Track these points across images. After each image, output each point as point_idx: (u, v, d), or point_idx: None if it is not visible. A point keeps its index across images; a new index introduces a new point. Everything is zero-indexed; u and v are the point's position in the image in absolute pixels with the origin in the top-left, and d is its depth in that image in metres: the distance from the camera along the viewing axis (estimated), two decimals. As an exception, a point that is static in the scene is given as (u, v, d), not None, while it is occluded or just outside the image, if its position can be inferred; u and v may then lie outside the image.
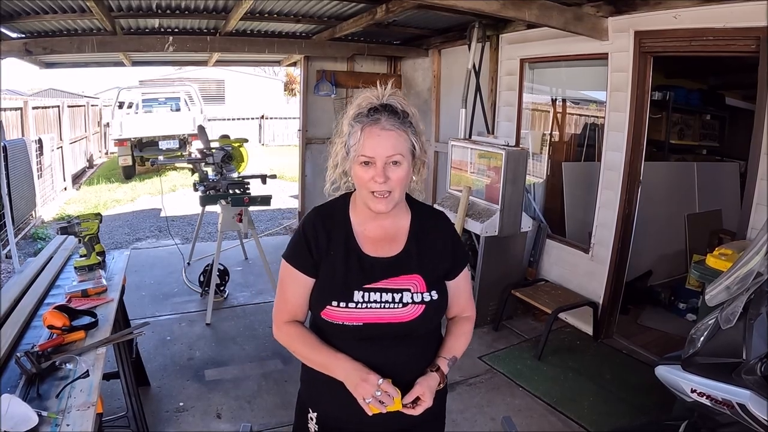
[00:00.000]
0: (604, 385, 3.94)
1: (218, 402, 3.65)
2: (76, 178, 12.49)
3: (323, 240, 1.71)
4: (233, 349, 4.39)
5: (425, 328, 1.76)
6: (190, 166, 7.92)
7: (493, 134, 5.32)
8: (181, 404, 3.62)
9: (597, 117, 6.05)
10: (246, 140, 5.66)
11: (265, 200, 5.00)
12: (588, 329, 4.72)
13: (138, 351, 3.63)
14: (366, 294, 1.68)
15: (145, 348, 4.22)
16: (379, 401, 1.57)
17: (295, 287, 1.75)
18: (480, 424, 3.24)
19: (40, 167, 8.92)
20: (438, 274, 1.77)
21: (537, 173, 6.05)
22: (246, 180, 5.16)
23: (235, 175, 5.28)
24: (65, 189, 11.01)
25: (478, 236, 4.65)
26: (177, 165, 13.91)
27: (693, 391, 2.06)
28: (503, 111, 5.64)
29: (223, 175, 5.15)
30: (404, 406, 1.62)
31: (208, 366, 4.11)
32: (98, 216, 3.39)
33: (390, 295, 1.68)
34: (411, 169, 1.65)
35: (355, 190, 1.72)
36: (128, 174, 13.04)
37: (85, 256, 3.23)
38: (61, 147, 11.08)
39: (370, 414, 1.58)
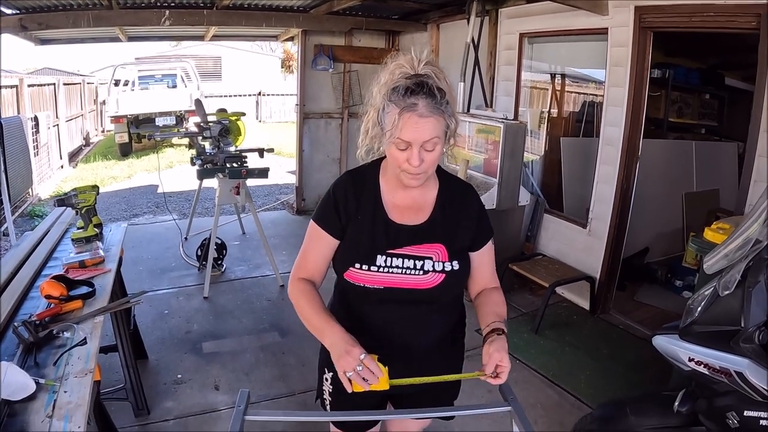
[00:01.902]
0: (601, 360, 3.97)
1: (216, 374, 3.66)
2: (73, 156, 12.42)
3: (352, 203, 1.74)
4: (231, 323, 4.40)
5: (446, 296, 1.78)
6: (187, 142, 7.87)
7: (491, 108, 5.29)
8: (179, 376, 3.63)
9: (596, 95, 6.02)
10: (243, 114, 5.63)
11: (263, 173, 4.98)
12: (585, 304, 4.73)
13: (135, 323, 3.63)
14: (389, 259, 1.70)
15: (143, 322, 4.22)
16: (363, 378, 1.51)
17: (318, 247, 1.78)
18: (477, 396, 3.24)
19: (37, 145, 8.88)
20: (461, 245, 1.78)
21: (535, 150, 6.03)
22: (243, 153, 5.14)
23: (232, 148, 5.26)
24: (62, 167, 10.96)
25: (476, 210, 4.59)
26: (174, 142, 13.90)
27: (691, 360, 2.06)
28: (502, 86, 5.60)
29: (220, 149, 5.13)
30: (491, 376, 1.56)
31: (205, 339, 4.12)
32: (95, 188, 3.36)
33: (412, 261, 1.70)
34: (444, 147, 1.64)
35: (385, 156, 1.71)
36: (125, 151, 12.97)
37: (82, 228, 3.21)
38: (57, 125, 11.02)
39: (350, 391, 1.54)
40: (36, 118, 8.98)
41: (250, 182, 5.08)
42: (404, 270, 1.70)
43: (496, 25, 5.56)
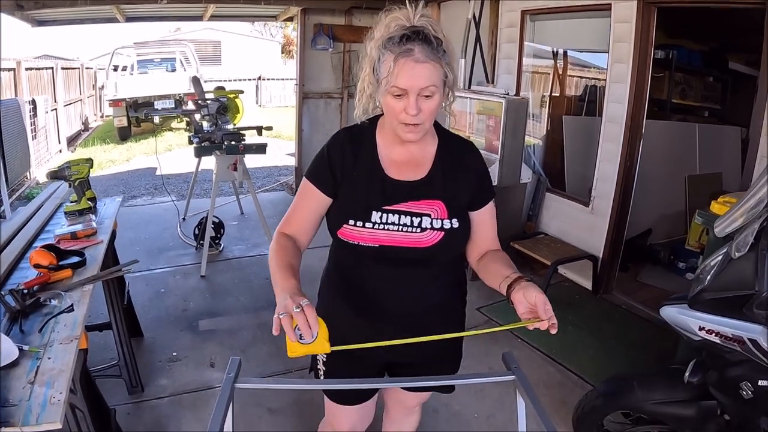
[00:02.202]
0: (604, 339, 3.91)
1: (212, 351, 3.61)
2: (72, 141, 12.33)
3: (349, 160, 1.67)
4: (228, 301, 4.35)
5: (444, 256, 1.70)
6: (186, 123, 7.79)
7: (492, 84, 5.21)
8: (175, 354, 3.58)
9: (599, 78, 5.95)
10: (241, 92, 5.56)
11: (260, 148, 4.92)
12: (587, 284, 4.67)
13: (130, 299, 3.58)
14: (384, 215, 1.62)
15: (139, 301, 4.17)
16: (295, 330, 1.35)
17: (308, 204, 1.71)
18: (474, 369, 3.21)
19: (34, 128, 8.80)
20: (461, 203, 1.70)
21: (537, 134, 5.95)
22: (241, 131, 5.07)
23: (230, 126, 5.18)
24: (60, 151, 10.88)
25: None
26: (173, 126, 13.83)
27: (701, 329, 1.98)
28: (503, 64, 5.51)
29: (218, 127, 5.05)
30: (552, 324, 1.40)
31: (202, 317, 4.07)
32: (89, 161, 3.29)
33: (409, 218, 1.63)
34: (442, 99, 1.57)
35: (383, 114, 1.64)
36: (124, 135, 12.86)
37: (75, 201, 3.14)
38: (56, 109, 10.92)
39: (275, 333, 1.36)
40: (34, 102, 8.89)
41: (250, 165, 5.00)
42: (401, 227, 1.62)
43: (497, 3, 5.46)
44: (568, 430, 2.65)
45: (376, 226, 1.61)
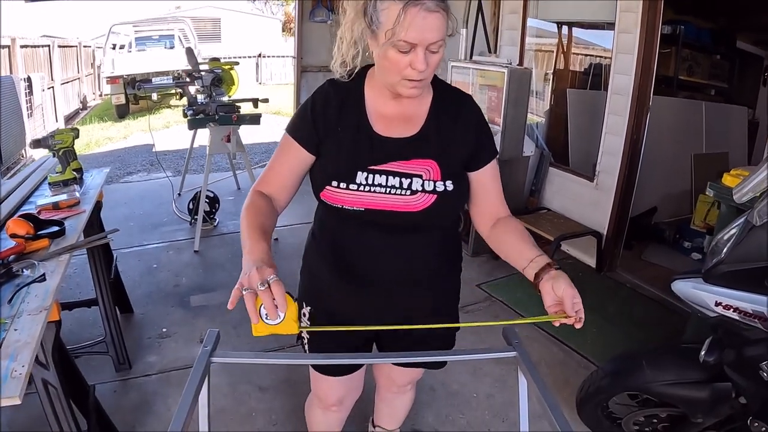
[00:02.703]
0: (608, 318, 3.78)
1: (202, 327, 3.51)
2: (69, 120, 12.17)
3: (333, 115, 1.52)
4: (221, 276, 4.26)
5: (439, 221, 1.58)
6: (181, 95, 7.66)
7: (495, 54, 5.06)
8: (164, 330, 3.49)
9: (604, 56, 5.79)
10: (237, 63, 5.43)
11: (255, 119, 4.80)
12: (591, 261, 4.55)
13: (118, 274, 3.48)
14: (370, 176, 1.47)
15: (131, 276, 4.10)
16: (261, 307, 1.22)
17: (288, 160, 1.57)
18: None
19: (30, 106, 8.64)
20: (456, 162, 1.55)
21: (539, 111, 5.83)
22: (237, 104, 4.93)
23: (225, 98, 5.04)
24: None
25: (478, 159, 4.43)
26: (172, 104, 13.70)
27: (718, 304, 1.84)
28: (506, 35, 5.35)
29: (212, 98, 4.92)
30: (578, 320, 1.33)
31: (194, 292, 3.97)
32: (74, 130, 3.18)
33: (398, 179, 1.48)
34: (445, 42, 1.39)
35: (371, 64, 1.50)
36: (122, 113, 12.72)
37: (60, 172, 3.02)
38: (53, 87, 10.75)
39: (230, 307, 1.25)
40: (29, 79, 8.71)
41: (247, 140, 4.87)
42: (388, 189, 1.47)
43: (501, -29, 5.30)
44: (571, 411, 2.54)
45: (361, 187, 1.47)
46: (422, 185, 1.48)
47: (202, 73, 5.01)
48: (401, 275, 1.60)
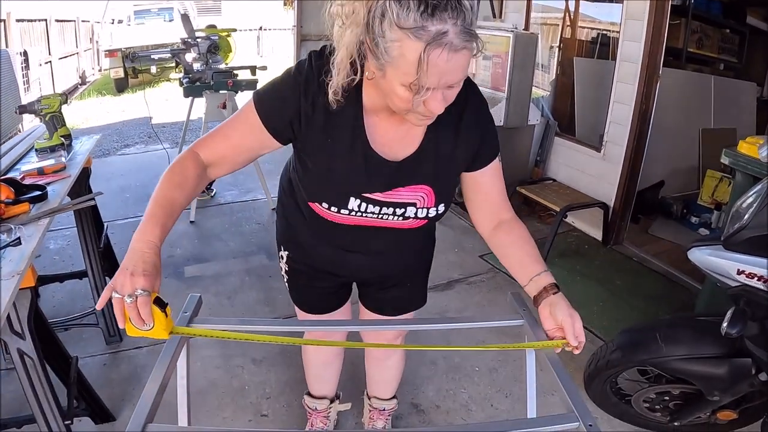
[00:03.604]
0: (615, 291, 3.69)
1: (197, 299, 3.41)
2: (68, 95, 12.06)
3: (321, 116, 1.29)
4: (216, 246, 4.18)
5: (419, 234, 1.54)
6: (177, 64, 7.52)
7: (500, 19, 4.91)
8: (158, 301, 3.38)
9: (611, 29, 5.64)
10: (234, 30, 5.28)
11: (251, 84, 4.68)
12: (597, 234, 4.44)
13: (109, 244, 3.36)
14: (363, 204, 1.37)
15: (125, 248, 3.92)
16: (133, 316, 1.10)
17: (246, 137, 1.35)
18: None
19: (27, 81, 8.52)
20: (453, 181, 1.43)
21: (545, 85, 5.67)
22: (234, 71, 4.81)
23: (222, 66, 4.91)
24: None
25: (482, 126, 4.31)
26: (171, 77, 13.55)
27: (740, 272, 1.72)
28: (511, 3, 5.20)
29: (208, 66, 4.79)
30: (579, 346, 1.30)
31: (188, 263, 3.90)
32: (61, 95, 3.07)
33: (391, 209, 1.39)
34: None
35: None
36: (120, 87, 12.59)
37: (48, 138, 2.92)
38: (50, 62, 10.62)
39: (98, 308, 1.17)
40: (26, 53, 8.60)
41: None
42: (381, 216, 1.40)
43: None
44: (578, 388, 2.44)
45: (353, 213, 1.38)
46: (415, 213, 1.41)
47: (198, 40, 4.88)
48: (376, 262, 1.65)
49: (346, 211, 1.38)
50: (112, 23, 13.60)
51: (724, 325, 1.73)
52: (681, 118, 5.25)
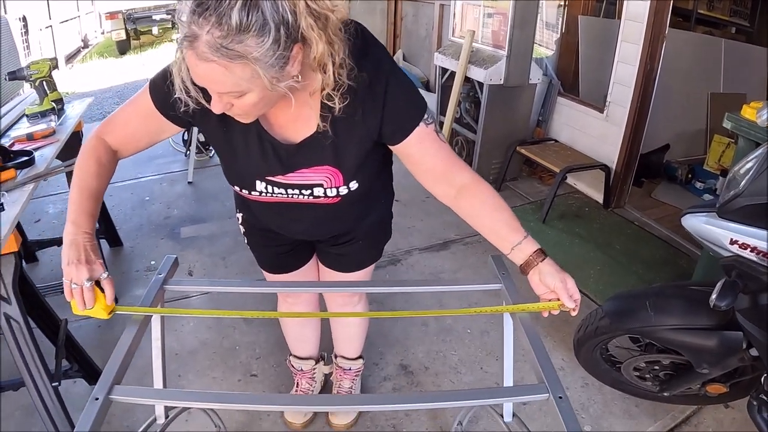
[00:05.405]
0: (613, 255, 3.66)
1: (191, 259, 3.46)
2: (70, 58, 11.95)
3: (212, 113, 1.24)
4: (213, 206, 4.19)
5: (355, 198, 1.45)
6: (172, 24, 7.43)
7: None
8: (152, 263, 3.43)
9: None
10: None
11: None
12: (598, 197, 4.39)
13: (105, 207, 3.37)
14: (269, 186, 1.38)
15: (122, 210, 4.05)
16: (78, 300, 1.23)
17: (145, 121, 1.36)
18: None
19: (27, 46, 8.46)
20: (361, 157, 1.36)
21: (549, 45, 5.53)
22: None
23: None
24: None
25: (481, 85, 4.27)
26: (173, 39, 13.40)
27: (733, 242, 1.67)
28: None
29: (207, 23, 4.72)
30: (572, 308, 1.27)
31: (184, 223, 3.92)
32: (52, 60, 3.08)
33: (297, 190, 1.38)
34: (265, 91, 1.10)
35: None
36: (123, 49, 12.50)
37: (38, 103, 2.92)
38: (51, 26, 10.48)
39: (68, 299, 1.24)
40: (25, 18, 8.50)
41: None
42: (290, 195, 1.40)
43: None
44: (569, 351, 2.43)
45: (264, 194, 1.40)
46: (324, 192, 1.39)
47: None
48: (314, 233, 1.68)
49: (257, 193, 1.42)
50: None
51: (713, 296, 1.67)
52: (689, 81, 5.15)
